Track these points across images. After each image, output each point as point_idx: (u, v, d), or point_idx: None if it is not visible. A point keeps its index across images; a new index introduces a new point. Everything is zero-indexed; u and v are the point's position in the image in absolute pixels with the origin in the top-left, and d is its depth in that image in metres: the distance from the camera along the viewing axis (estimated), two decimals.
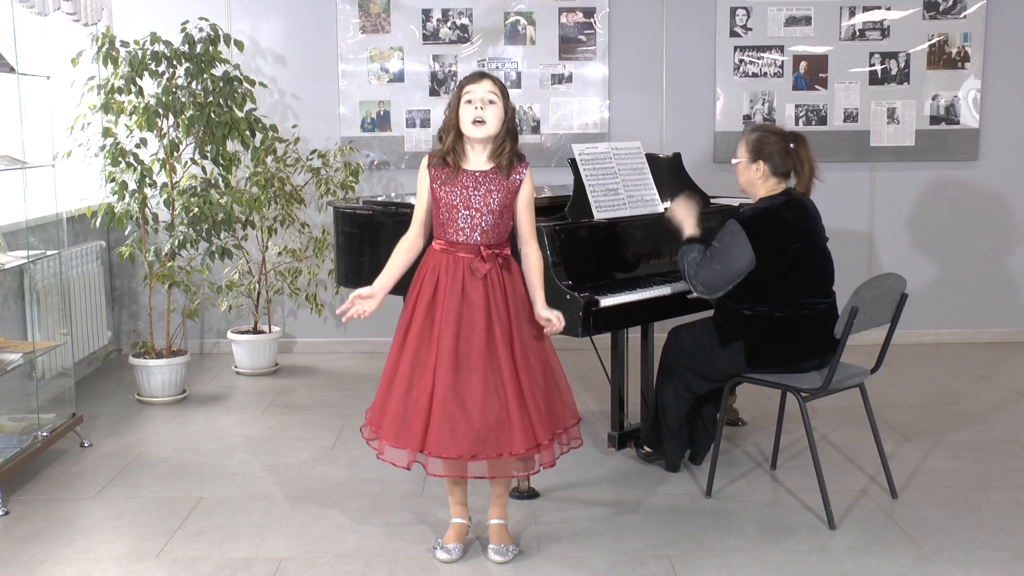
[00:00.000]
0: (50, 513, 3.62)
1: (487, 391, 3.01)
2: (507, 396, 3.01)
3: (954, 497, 3.71)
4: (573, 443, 3.20)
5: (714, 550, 3.28)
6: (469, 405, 3.00)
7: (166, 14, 5.62)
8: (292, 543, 3.36)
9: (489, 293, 3.04)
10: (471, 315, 3.03)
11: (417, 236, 3.18)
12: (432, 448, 3.01)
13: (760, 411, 4.72)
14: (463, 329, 3.02)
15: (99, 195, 5.13)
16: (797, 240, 3.52)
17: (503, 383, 3.02)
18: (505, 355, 3.03)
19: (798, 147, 3.59)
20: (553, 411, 3.12)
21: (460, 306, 3.03)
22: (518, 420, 3.01)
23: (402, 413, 3.06)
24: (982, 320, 6.21)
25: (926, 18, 5.96)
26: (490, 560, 3.20)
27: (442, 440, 2.99)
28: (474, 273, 3.03)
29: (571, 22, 5.91)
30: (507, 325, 3.05)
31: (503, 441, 3.01)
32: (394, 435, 3.07)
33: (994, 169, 6.09)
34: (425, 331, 3.07)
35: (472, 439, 2.98)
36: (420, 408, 3.02)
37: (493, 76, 3.09)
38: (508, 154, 3.07)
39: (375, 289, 3.13)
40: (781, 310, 3.53)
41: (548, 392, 3.12)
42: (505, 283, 3.08)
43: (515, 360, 3.05)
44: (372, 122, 5.94)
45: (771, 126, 3.68)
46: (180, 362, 5.07)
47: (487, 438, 2.99)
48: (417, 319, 3.08)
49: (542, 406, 3.07)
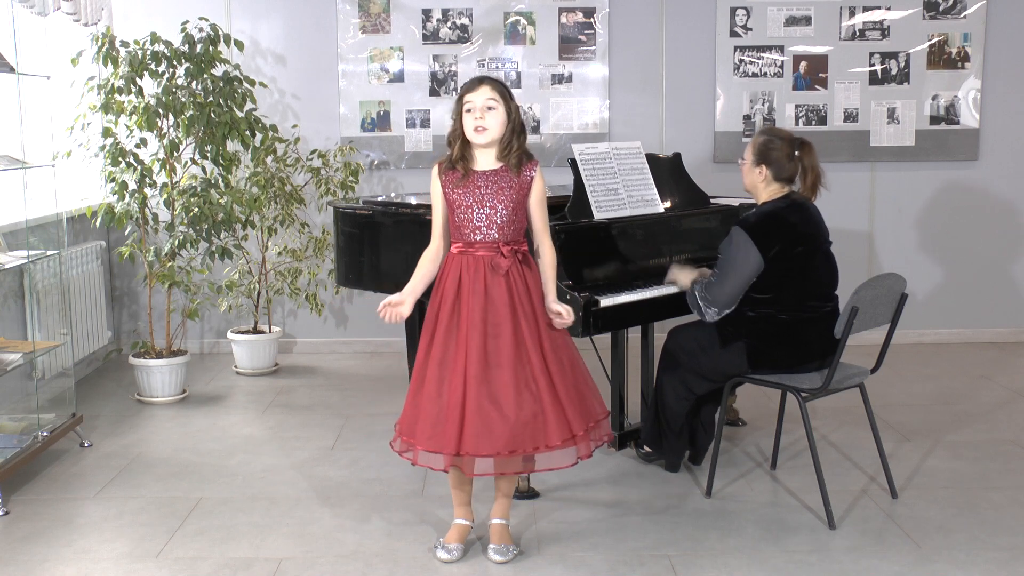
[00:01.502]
0: (50, 513, 3.62)
1: (519, 386, 3.02)
2: (539, 390, 3.03)
3: (954, 497, 3.71)
4: (605, 437, 3.21)
5: (714, 550, 3.28)
6: (503, 401, 3.00)
7: (166, 14, 5.62)
8: (292, 543, 3.36)
9: (512, 289, 3.06)
10: (496, 313, 3.04)
11: (439, 245, 3.19)
12: (469, 447, 3.00)
13: (760, 411, 4.72)
14: (490, 327, 3.04)
15: (99, 195, 5.14)
16: (801, 243, 3.52)
17: (534, 377, 3.04)
18: (534, 349, 3.05)
19: (803, 154, 3.59)
20: (584, 402, 3.14)
21: (484, 305, 3.04)
22: (552, 413, 3.03)
23: (435, 417, 3.05)
24: (982, 320, 6.21)
25: (926, 18, 5.96)
26: (490, 560, 3.20)
27: (479, 438, 2.99)
28: (495, 270, 3.05)
29: (571, 22, 5.91)
30: (533, 320, 3.07)
31: (539, 435, 3.02)
32: (428, 439, 3.05)
33: (994, 169, 6.09)
34: (451, 333, 3.07)
35: (508, 435, 2.99)
36: (453, 409, 3.02)
37: (492, 80, 3.09)
38: (517, 152, 3.09)
39: (404, 295, 3.13)
40: (784, 312, 3.53)
41: (578, 384, 3.14)
42: (527, 278, 3.11)
43: (544, 354, 3.07)
44: (372, 122, 5.94)
45: (780, 131, 3.68)
46: (180, 362, 5.08)
47: (523, 433, 3.00)
48: (442, 323, 3.08)
49: (574, 397, 3.09)
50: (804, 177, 3.60)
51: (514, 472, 3.19)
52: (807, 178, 3.60)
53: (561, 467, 3.12)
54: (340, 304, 6.11)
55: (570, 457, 3.11)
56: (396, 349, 5.93)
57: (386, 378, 5.48)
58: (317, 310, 5.76)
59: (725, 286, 3.53)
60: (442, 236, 3.19)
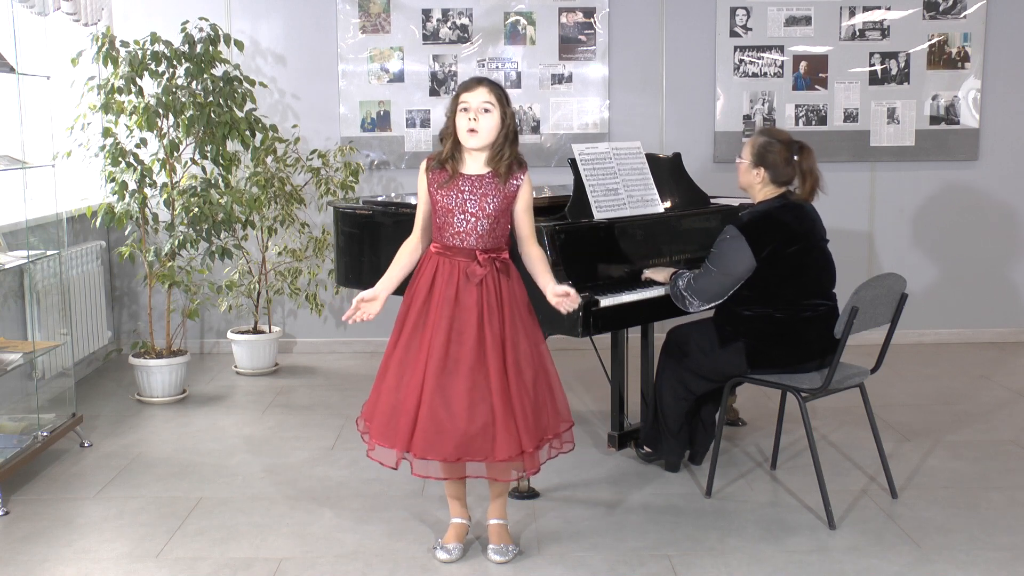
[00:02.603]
0: (50, 513, 3.62)
1: (473, 395, 3.00)
2: (493, 402, 3.00)
3: (954, 497, 3.71)
4: (565, 447, 3.18)
5: (714, 550, 3.28)
6: (455, 408, 2.99)
7: (166, 14, 5.62)
8: (292, 543, 3.36)
9: (483, 298, 3.03)
10: (463, 319, 3.02)
11: (419, 239, 3.19)
12: (418, 449, 3.01)
13: (760, 411, 4.72)
14: (454, 333, 3.02)
15: (99, 195, 5.14)
16: (795, 242, 3.52)
17: (490, 389, 3.01)
18: (495, 361, 3.01)
19: (802, 159, 3.58)
20: (541, 419, 3.09)
21: (453, 310, 3.02)
22: (503, 427, 2.99)
23: (390, 411, 3.07)
24: (982, 320, 6.21)
25: (926, 18, 5.96)
26: (490, 560, 3.20)
27: (428, 441, 2.99)
28: (469, 278, 3.03)
29: (571, 22, 5.91)
30: (499, 331, 3.03)
31: (487, 446, 3.00)
32: (382, 433, 3.08)
33: (994, 169, 6.09)
34: (416, 332, 3.07)
35: (457, 442, 2.98)
36: (408, 408, 3.03)
37: (490, 82, 3.06)
38: (507, 160, 3.05)
39: (377, 291, 3.12)
40: (781, 311, 3.54)
41: (538, 399, 3.09)
42: (502, 288, 3.07)
43: (506, 366, 3.03)
44: (372, 122, 5.94)
45: (780, 133, 3.66)
46: (180, 362, 5.07)
47: (472, 442, 2.99)
48: (411, 320, 3.08)
49: (530, 413, 3.04)
50: (802, 181, 3.60)
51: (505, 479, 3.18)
52: (805, 182, 3.59)
53: (502, 480, 3.14)
54: (340, 304, 6.11)
55: (512, 473, 3.12)
56: None
57: None
58: (317, 310, 5.76)
59: (712, 281, 3.53)
60: (422, 231, 3.18)
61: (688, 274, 3.63)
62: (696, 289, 3.56)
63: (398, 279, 3.15)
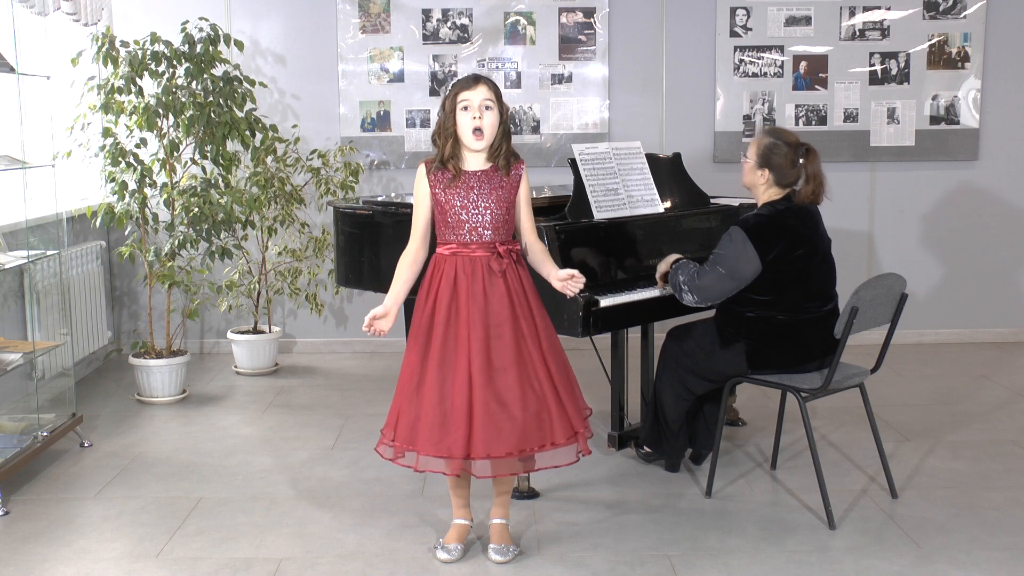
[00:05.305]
0: (50, 513, 3.62)
1: (524, 386, 3.03)
2: (543, 388, 3.05)
3: (954, 497, 3.71)
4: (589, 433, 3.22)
5: (714, 550, 3.28)
6: (509, 402, 3.01)
7: (166, 14, 5.62)
8: (292, 543, 3.36)
9: (511, 289, 3.06)
10: (497, 314, 3.04)
11: (419, 248, 3.15)
12: (479, 450, 3.00)
13: (760, 411, 4.72)
14: (492, 328, 3.03)
15: (99, 195, 5.14)
16: (801, 246, 3.51)
17: (537, 376, 3.05)
18: (535, 348, 3.06)
19: (807, 162, 3.56)
20: (577, 400, 3.16)
21: (484, 307, 3.04)
22: (556, 410, 3.05)
23: (439, 422, 3.02)
24: (982, 320, 6.21)
25: (926, 18, 5.96)
26: (490, 560, 3.20)
27: (489, 440, 2.99)
28: (494, 270, 3.05)
29: (571, 22, 5.91)
30: (531, 319, 3.08)
31: (545, 433, 3.04)
32: (434, 445, 3.02)
33: (994, 169, 6.09)
34: (449, 336, 3.04)
35: (518, 434, 3.00)
36: (459, 412, 3.00)
37: (487, 79, 3.08)
38: (505, 154, 3.09)
39: (388, 307, 3.11)
40: (783, 313, 3.53)
41: (571, 382, 3.16)
42: (522, 278, 3.11)
43: (543, 352, 3.08)
44: (372, 122, 5.94)
45: (787, 134, 3.63)
46: (180, 362, 5.07)
47: (531, 431, 3.02)
48: (438, 326, 3.06)
49: (573, 395, 3.12)
50: (807, 184, 3.58)
51: (511, 473, 3.19)
52: (809, 185, 3.58)
53: (564, 464, 3.13)
54: (340, 304, 6.11)
55: (572, 454, 3.12)
56: (396, 349, 5.93)
57: (386, 378, 5.48)
58: (317, 310, 5.76)
59: (715, 282, 3.51)
60: (422, 238, 3.16)
61: (692, 267, 3.60)
62: (697, 287, 3.55)
63: (405, 291, 3.15)
